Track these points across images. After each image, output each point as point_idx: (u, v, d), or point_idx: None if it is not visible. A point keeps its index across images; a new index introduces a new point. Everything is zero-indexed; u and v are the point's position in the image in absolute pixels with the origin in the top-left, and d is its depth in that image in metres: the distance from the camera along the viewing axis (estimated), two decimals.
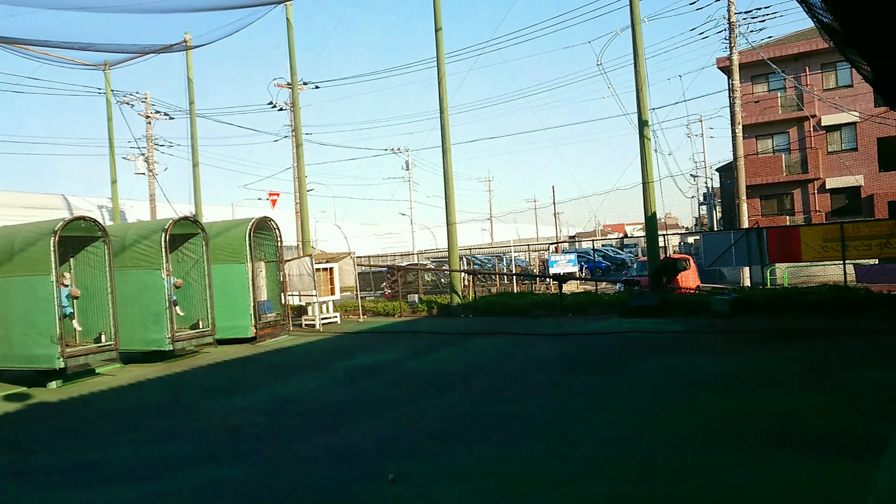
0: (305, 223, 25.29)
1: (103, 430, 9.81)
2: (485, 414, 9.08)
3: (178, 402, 11.72)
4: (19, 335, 13.36)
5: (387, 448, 7.73)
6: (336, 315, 21.92)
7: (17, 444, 9.55)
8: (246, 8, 19.61)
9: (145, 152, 33.96)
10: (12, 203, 31.13)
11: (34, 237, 13.29)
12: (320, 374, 13.17)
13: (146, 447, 8.61)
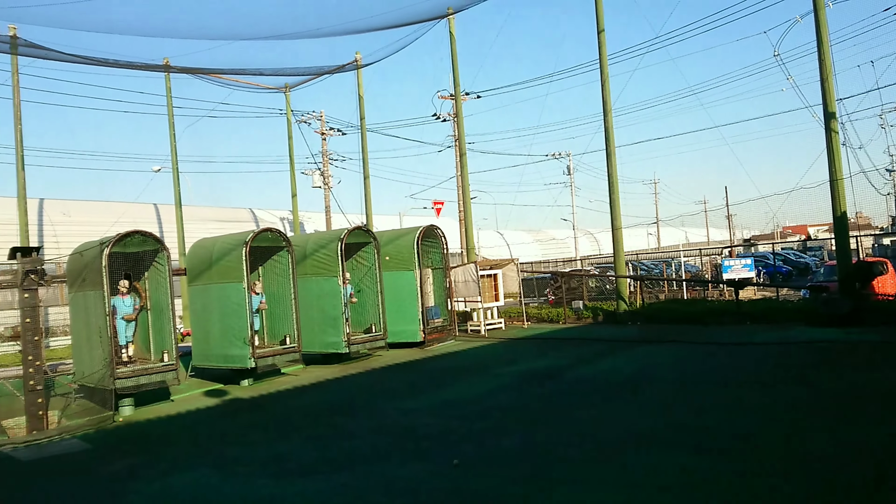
0: (469, 230, 25.79)
1: (289, 426, 10.59)
2: (655, 425, 8.77)
3: (355, 402, 12.38)
4: (217, 337, 14.75)
5: (552, 454, 7.70)
6: (500, 321, 22.13)
7: (217, 436, 10.55)
8: (412, 25, 20.40)
9: (321, 167, 36.27)
10: (207, 217, 34.46)
11: (229, 248, 14.63)
12: (487, 379, 13.36)
13: (326, 443, 9.19)
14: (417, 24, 21.80)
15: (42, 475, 8.85)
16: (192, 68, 23.08)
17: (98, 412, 12.50)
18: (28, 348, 11.49)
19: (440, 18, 23.09)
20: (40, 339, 11.89)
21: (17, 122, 21.12)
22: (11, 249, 11.87)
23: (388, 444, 8.89)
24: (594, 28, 21.27)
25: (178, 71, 23.87)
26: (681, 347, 15.39)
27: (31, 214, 25.61)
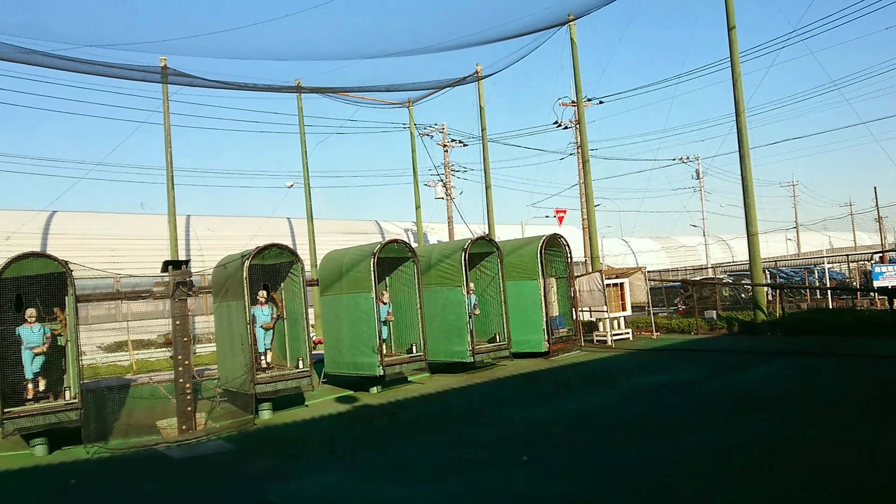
0: (593, 239, 25.32)
1: (417, 432, 10.79)
2: (802, 442, 8.20)
3: (480, 410, 12.43)
4: (347, 345, 15.28)
5: (677, 469, 7.38)
6: (628, 331, 21.53)
7: (349, 440, 10.91)
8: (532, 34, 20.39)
9: (443, 178, 36.86)
10: (336, 230, 35.84)
11: (357, 259, 15.15)
12: (613, 390, 13.03)
13: (453, 450, 9.27)
14: (538, 33, 21.76)
15: (193, 473, 9.49)
16: (321, 88, 24.19)
17: (240, 415, 13.26)
18: (179, 355, 12.38)
19: (561, 25, 22.92)
20: (190, 346, 12.77)
21: (168, 146, 22.90)
22: (164, 263, 12.85)
23: (512, 452, 8.85)
24: (724, 25, 20.38)
25: (308, 91, 25.08)
26: (827, 359, 14.34)
27: (180, 230, 27.64)
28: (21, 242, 24.53)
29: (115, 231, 29.29)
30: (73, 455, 10.98)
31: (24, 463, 10.65)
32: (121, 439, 11.85)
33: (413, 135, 32.09)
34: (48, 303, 12.50)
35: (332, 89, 24.41)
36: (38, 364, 12.17)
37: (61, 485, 9.28)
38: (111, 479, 9.42)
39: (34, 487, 9.34)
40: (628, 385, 13.51)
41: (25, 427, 11.06)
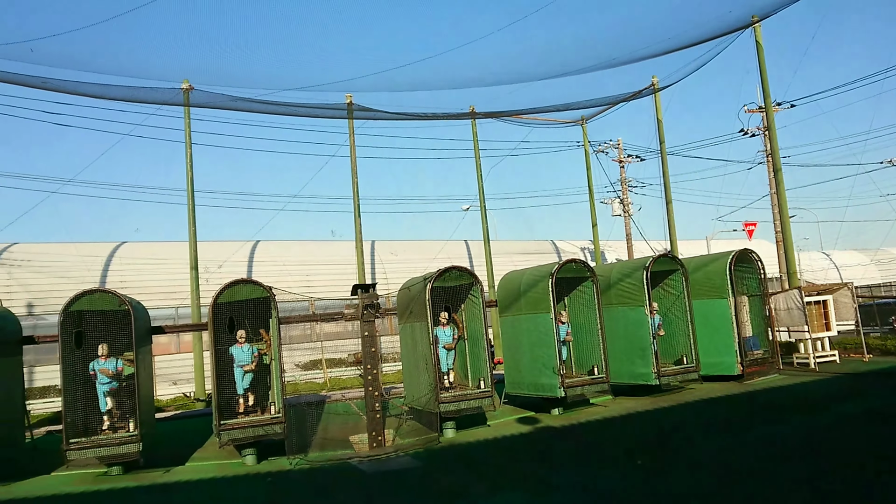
0: (790, 252, 23.43)
1: (601, 456, 10.50)
2: None
3: (669, 435, 11.86)
4: (527, 366, 15.27)
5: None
6: (834, 353, 19.59)
7: (532, 461, 10.86)
8: (712, 40, 19.43)
9: (620, 195, 35.98)
10: (511, 251, 36.12)
11: (535, 280, 15.14)
12: (819, 417, 11.90)
13: (640, 476, 8.91)
14: (718, 39, 20.68)
15: (384, 487, 9.90)
16: (495, 112, 24.63)
17: (425, 433, 13.68)
18: (369, 374, 13.04)
19: (744, 29, 21.63)
20: (378, 365, 13.41)
21: (354, 176, 24.42)
22: (353, 286, 13.64)
23: (707, 482, 8.34)
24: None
25: (482, 116, 25.65)
26: None
27: (366, 254, 29.24)
28: (231, 270, 27.20)
29: (308, 257, 31.59)
30: (277, 465, 11.89)
31: (237, 471, 11.71)
32: (318, 452, 12.65)
33: (587, 152, 31.71)
34: (255, 325, 13.72)
35: (505, 113, 24.77)
36: (247, 381, 13.37)
37: (273, 491, 10.07)
38: (312, 490, 10.06)
39: (248, 493, 10.20)
40: (836, 411, 12.28)
41: (238, 438, 12.15)
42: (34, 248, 27.68)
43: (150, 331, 14.01)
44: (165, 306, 25.33)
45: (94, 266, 27.03)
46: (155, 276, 27.39)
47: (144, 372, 13.01)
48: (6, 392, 12.98)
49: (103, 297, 12.51)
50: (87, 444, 11.75)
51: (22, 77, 17.52)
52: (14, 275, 25.45)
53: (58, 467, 12.54)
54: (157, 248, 29.52)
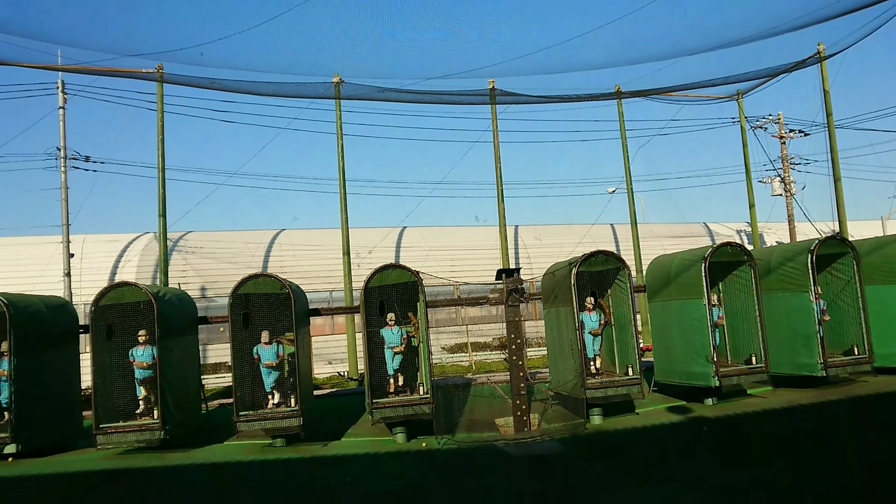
0: None
1: (762, 452, 9.93)
2: None
3: (838, 431, 11.01)
4: (678, 353, 14.70)
5: None
6: None
7: (684, 454, 10.47)
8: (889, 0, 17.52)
9: (780, 173, 33.60)
10: (660, 234, 34.79)
11: (687, 264, 14.51)
12: None
13: (809, 475, 8.34)
14: None
15: (531, 471, 9.94)
16: (641, 91, 23.76)
17: (571, 418, 13.57)
18: (514, 358, 13.11)
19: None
20: (523, 349, 13.45)
21: (497, 161, 24.51)
22: (498, 271, 13.73)
23: (883, 488, 7.66)
24: None
25: (628, 96, 24.84)
26: None
27: (509, 239, 29.33)
28: (380, 255, 28.26)
29: (453, 242, 32.14)
30: (426, 444, 12.26)
31: (388, 447, 12.21)
32: (465, 433, 12.91)
33: (744, 128, 29.83)
34: (403, 308, 14.19)
35: (653, 91, 23.81)
36: (397, 362, 13.89)
37: (423, 468, 10.43)
38: (460, 470, 10.30)
39: (400, 469, 10.62)
40: None
41: (389, 416, 12.66)
42: (205, 236, 30.18)
43: (308, 313, 14.86)
44: (321, 290, 26.78)
45: (257, 252, 29.06)
46: (311, 261, 29.02)
47: (303, 351, 13.84)
48: (186, 367, 14.30)
49: (266, 281, 13.43)
50: (255, 416, 12.71)
51: (193, 79, 19.09)
52: (189, 261, 27.89)
53: (229, 437, 13.67)
54: (312, 235, 31.23)
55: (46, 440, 13.44)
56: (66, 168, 23.90)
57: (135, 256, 27.56)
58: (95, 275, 25.94)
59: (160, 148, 21.46)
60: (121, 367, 13.55)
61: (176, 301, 14.31)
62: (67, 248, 23.80)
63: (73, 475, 11.42)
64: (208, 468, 11.41)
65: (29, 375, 13.10)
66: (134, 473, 11.35)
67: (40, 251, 26.38)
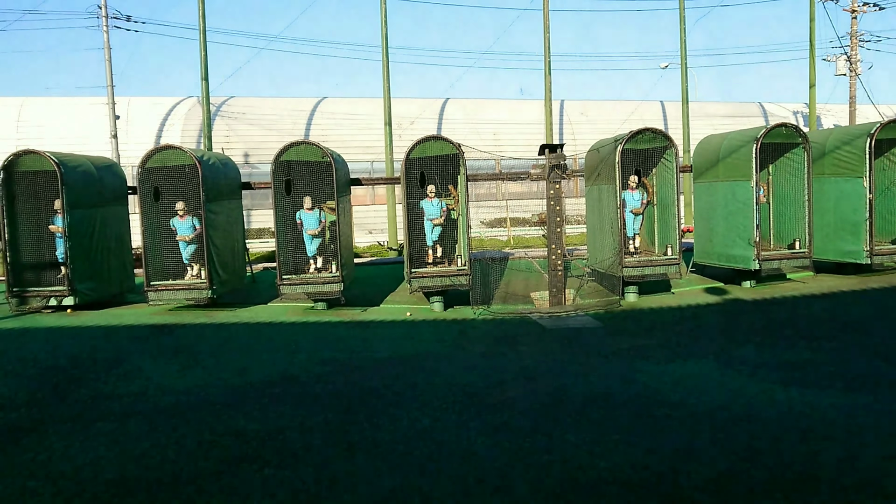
0: None
1: (794, 333, 9.98)
2: None
3: (881, 316, 10.96)
4: (720, 235, 14.52)
5: None
6: None
7: (718, 332, 10.57)
8: None
9: (847, 51, 31.62)
10: (712, 113, 33.53)
11: (737, 145, 14.02)
12: None
13: (840, 356, 8.38)
14: None
15: (563, 341, 10.19)
16: None
17: (606, 295, 13.72)
18: (553, 234, 13.12)
19: None
20: (563, 226, 13.42)
21: (546, 31, 23.48)
22: (541, 146, 13.48)
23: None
24: None
25: None
26: None
27: (554, 114, 28.60)
28: (422, 126, 27.92)
29: (496, 116, 31.51)
30: (462, 314, 12.59)
31: (426, 315, 12.59)
32: (500, 305, 13.20)
33: (812, 1, 27.83)
34: (444, 181, 14.14)
35: None
36: (436, 233, 14.02)
37: (458, 331, 10.77)
38: (494, 338, 10.61)
39: (436, 335, 10.98)
40: None
41: (427, 286, 12.95)
42: (248, 102, 30.05)
43: (349, 182, 14.94)
44: (362, 160, 26.79)
45: (299, 120, 28.95)
46: (352, 130, 28.86)
47: (344, 220, 14.04)
48: (231, 230, 14.67)
49: (308, 149, 13.44)
50: (297, 280, 13.12)
51: None
52: (232, 126, 27.97)
53: (273, 299, 14.21)
54: (354, 104, 30.87)
55: (101, 295, 14.15)
56: (107, 28, 23.66)
57: (179, 120, 27.72)
58: (141, 137, 26.27)
59: (201, 7, 20.98)
60: (168, 228, 13.96)
61: (220, 166, 14.47)
62: (113, 110, 24.01)
63: (126, 327, 12.09)
64: (253, 327, 11.95)
65: (82, 232, 13.61)
66: (183, 328, 11.97)
67: (86, 112, 26.67)
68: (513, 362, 9.05)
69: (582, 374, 8.17)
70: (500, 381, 7.98)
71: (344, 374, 8.41)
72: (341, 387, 7.85)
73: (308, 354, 9.71)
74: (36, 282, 13.81)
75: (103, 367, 9.00)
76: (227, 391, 7.77)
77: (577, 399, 7.09)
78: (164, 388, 7.93)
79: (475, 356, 9.49)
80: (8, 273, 13.51)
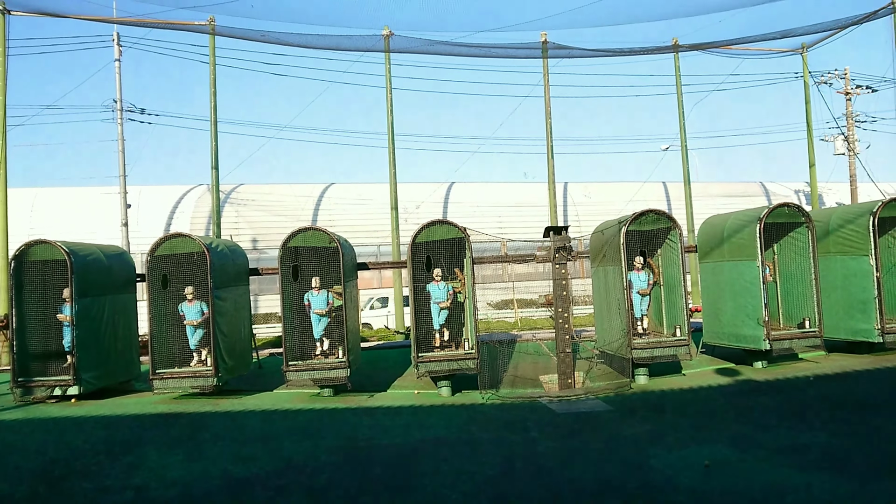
0: None
1: (809, 415, 9.76)
2: None
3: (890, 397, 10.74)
4: (728, 315, 14.44)
5: None
6: None
7: (730, 414, 10.35)
8: None
9: (844, 131, 32.27)
10: (714, 193, 33.93)
11: (740, 225, 14.13)
12: None
13: (856, 439, 8.17)
14: None
15: (574, 427, 9.98)
16: (700, 44, 22.96)
17: (616, 377, 13.53)
18: (560, 316, 13.06)
19: None
20: (570, 308, 13.38)
21: (547, 117, 24.10)
22: (546, 229, 13.61)
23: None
24: None
25: (686, 49, 24.03)
26: None
27: (558, 196, 28.97)
28: (427, 210, 28.32)
29: (501, 199, 31.98)
30: (470, 398, 12.41)
31: (434, 400, 12.40)
32: (509, 389, 13.01)
33: (807, 84, 28.61)
34: (450, 264, 14.22)
35: (712, 44, 22.97)
36: (443, 317, 14.00)
37: (466, 417, 10.57)
38: (504, 424, 10.40)
39: (445, 422, 10.79)
40: None
41: (434, 370, 12.82)
42: (257, 189, 30.65)
43: (356, 267, 15.03)
44: (369, 244, 27.05)
45: (306, 205, 29.43)
46: (359, 215, 29.28)
47: (351, 304, 14.05)
48: (238, 316, 14.68)
49: (315, 235, 13.60)
50: (303, 367, 13.02)
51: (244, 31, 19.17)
52: (241, 212, 28.43)
53: (278, 385, 14.07)
54: (361, 189, 31.42)
55: (106, 383, 14.04)
56: (122, 120, 24.43)
57: (189, 208, 28.21)
58: (151, 225, 26.68)
59: (212, 101, 21.71)
60: (176, 315, 13.97)
61: (228, 252, 14.62)
62: (125, 199, 24.49)
63: (131, 417, 11.94)
64: (258, 414, 11.78)
65: (90, 321, 13.63)
66: (187, 416, 11.80)
67: (99, 201, 27.21)
68: (523, 449, 8.85)
69: (595, 462, 7.98)
70: (510, 469, 7.79)
71: (350, 464, 8.23)
72: (348, 477, 7.67)
73: (314, 443, 9.53)
74: (41, 371, 13.73)
75: (106, 458, 8.85)
76: (232, 482, 7.60)
77: (591, 488, 6.90)
78: (167, 481, 7.76)
79: (484, 443, 9.30)
80: (14, 363, 13.46)
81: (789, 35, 22.41)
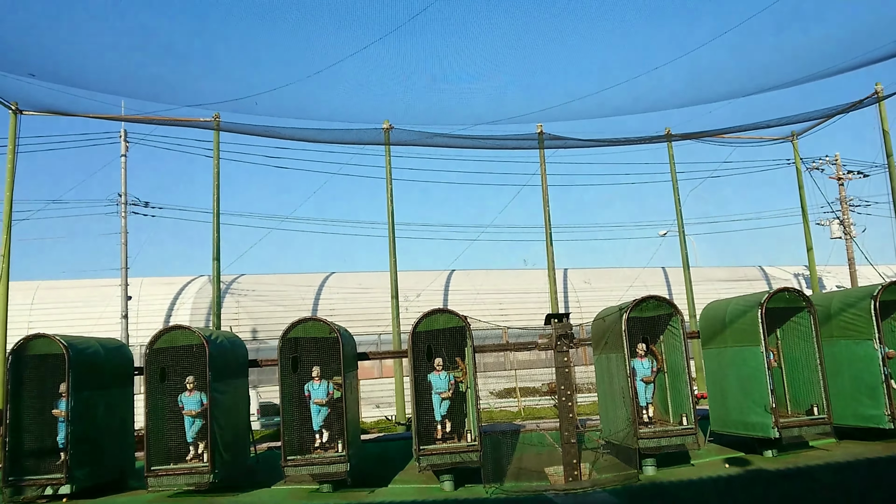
0: None
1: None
2: None
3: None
4: (735, 402, 14.20)
5: None
6: None
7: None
8: None
9: (839, 215, 32.68)
10: (714, 277, 34.03)
11: (742, 310, 14.11)
12: None
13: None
14: None
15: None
16: (692, 133, 23.52)
17: (622, 468, 13.16)
18: (564, 405, 12.85)
19: None
20: (573, 396, 13.18)
21: (545, 206, 24.45)
22: (547, 316, 13.57)
23: None
24: None
25: (679, 138, 24.61)
26: None
27: (558, 283, 29.03)
28: (428, 298, 28.31)
29: (501, 286, 32.04)
30: (474, 492, 12.04)
31: (436, 496, 12.02)
32: (513, 482, 12.64)
33: (799, 170, 29.18)
34: (451, 352, 14.11)
35: (704, 133, 23.56)
36: (444, 407, 13.74)
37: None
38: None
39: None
40: None
41: (436, 463, 12.49)
42: (257, 279, 30.74)
43: (356, 357, 14.90)
44: (369, 332, 26.90)
45: (307, 295, 29.44)
46: (360, 303, 29.25)
47: (351, 395, 13.84)
48: (236, 410, 14.43)
49: (315, 325, 13.55)
50: (302, 461, 12.69)
51: (248, 127, 19.71)
52: (241, 303, 28.41)
53: (276, 481, 13.67)
54: (361, 278, 31.53)
55: (100, 480, 13.65)
56: (126, 214, 24.79)
57: (189, 299, 28.22)
58: (152, 317, 26.61)
59: (216, 194, 22.08)
60: (173, 408, 13.73)
61: (227, 344, 14.52)
62: (125, 292, 24.52)
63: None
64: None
65: (85, 417, 13.38)
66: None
67: (100, 293, 27.25)
68: None
69: None
70: None
71: None
72: None
73: None
74: (34, 469, 13.37)
75: None
76: None
77: None
78: None
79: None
80: (5, 460, 13.13)
81: (779, 124, 23.02)
